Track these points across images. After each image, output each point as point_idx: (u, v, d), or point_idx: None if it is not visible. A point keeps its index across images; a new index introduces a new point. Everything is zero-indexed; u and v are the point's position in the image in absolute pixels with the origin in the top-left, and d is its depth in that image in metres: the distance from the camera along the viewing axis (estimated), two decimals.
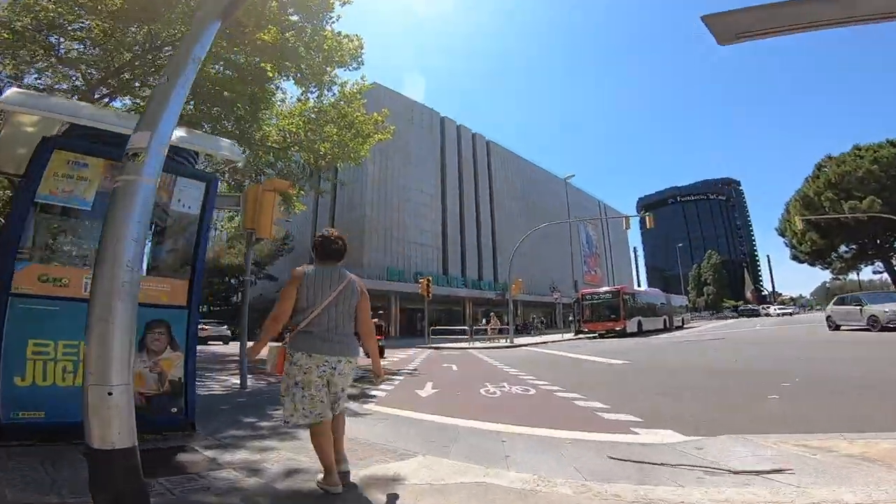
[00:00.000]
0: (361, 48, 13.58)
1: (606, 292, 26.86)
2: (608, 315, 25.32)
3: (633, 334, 25.07)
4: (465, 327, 22.20)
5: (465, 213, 45.07)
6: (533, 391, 6.81)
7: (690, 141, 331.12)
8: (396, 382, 8.33)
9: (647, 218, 27.06)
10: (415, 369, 10.74)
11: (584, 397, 5.99)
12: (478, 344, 20.11)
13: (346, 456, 2.77)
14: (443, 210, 42.62)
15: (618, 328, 24.66)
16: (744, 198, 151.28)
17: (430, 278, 21.61)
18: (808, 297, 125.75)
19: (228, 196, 9.05)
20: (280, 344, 2.73)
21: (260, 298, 49.17)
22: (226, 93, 11.87)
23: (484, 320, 31.79)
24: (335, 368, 2.57)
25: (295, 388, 2.52)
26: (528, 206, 54.45)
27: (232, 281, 43.14)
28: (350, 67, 13.92)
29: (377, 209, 36.27)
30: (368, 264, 34.10)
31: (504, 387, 7.25)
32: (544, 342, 21.87)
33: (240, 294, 45.72)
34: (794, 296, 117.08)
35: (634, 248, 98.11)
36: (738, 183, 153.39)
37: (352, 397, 6.73)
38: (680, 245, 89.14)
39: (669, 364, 10.04)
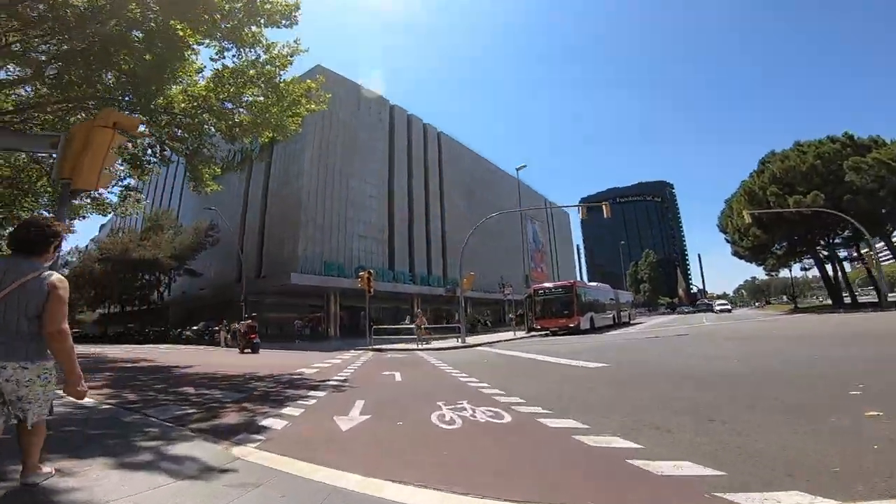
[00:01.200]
0: (297, 7, 11.28)
1: (559, 287, 25.66)
2: (561, 311, 24.11)
3: (586, 331, 24.04)
4: (413, 326, 19.88)
5: (414, 207, 42.63)
6: (507, 416, 4.69)
7: (627, 143, 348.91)
8: (312, 402, 5.93)
9: (603, 206, 25.92)
10: (345, 380, 8.33)
11: (587, 426, 3.96)
12: (426, 345, 17.90)
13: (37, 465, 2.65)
14: (389, 203, 39.90)
15: (571, 325, 23.49)
16: (676, 199, 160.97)
17: (372, 272, 19.12)
18: (732, 294, 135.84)
19: (41, 136, 6.17)
20: None
21: (183, 296, 44.06)
22: (123, 55, 9.96)
23: (407, 318, 29.67)
24: None
25: None
26: (477, 202, 52.87)
27: (147, 277, 37.98)
28: (281, 25, 11.55)
29: (315, 199, 32.97)
30: (304, 258, 30.80)
31: (465, 409, 5.07)
32: (496, 341, 20.08)
33: (158, 292, 40.56)
34: (718, 293, 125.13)
35: (578, 245, 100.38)
36: (672, 185, 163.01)
37: (233, 428, 4.37)
38: (623, 243, 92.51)
39: (656, 366, 8.37)
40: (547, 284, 27.20)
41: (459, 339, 19.41)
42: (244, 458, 3.41)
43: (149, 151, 15.06)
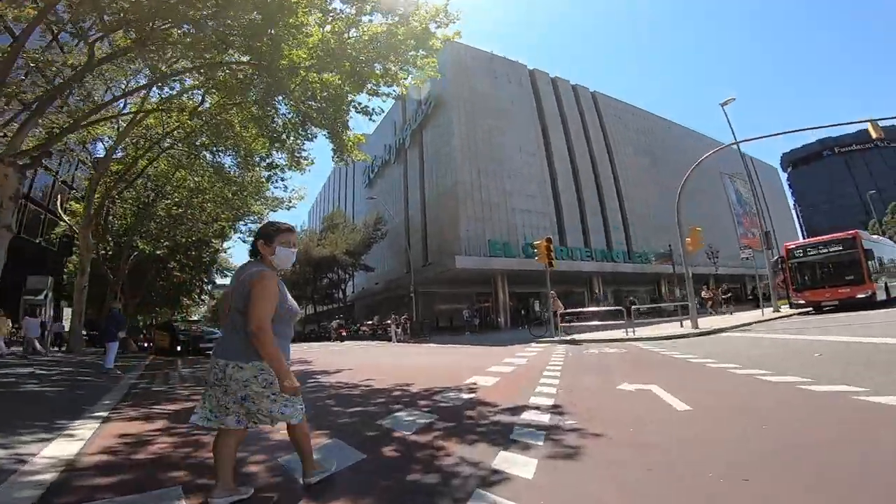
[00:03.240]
0: None
1: (833, 241, 17.38)
2: (841, 276, 16.27)
3: (883, 303, 15.85)
4: (618, 307, 15.01)
5: (580, 174, 36.80)
6: None
7: (837, 82, 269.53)
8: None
9: (870, 127, 16.71)
10: (556, 408, 4.38)
11: None
12: (641, 332, 12.81)
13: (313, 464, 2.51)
14: (550, 171, 34.93)
15: (860, 294, 15.72)
16: None
17: (550, 238, 14.74)
18: None
19: None
20: None
21: (363, 292, 46.46)
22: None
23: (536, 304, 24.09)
24: (224, 372, 2.27)
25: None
26: (654, 162, 44.05)
27: (330, 276, 40.36)
28: None
29: (471, 174, 30.15)
30: (467, 239, 28.18)
31: None
32: (744, 324, 13.76)
33: (342, 290, 43.14)
34: None
35: (796, 203, 78.59)
36: None
37: None
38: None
39: None
40: (809, 240, 19.00)
41: (683, 323, 13.83)
42: None
43: (291, 137, 14.19)
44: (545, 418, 3.89)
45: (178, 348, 15.64)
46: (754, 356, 7.07)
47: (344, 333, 28.71)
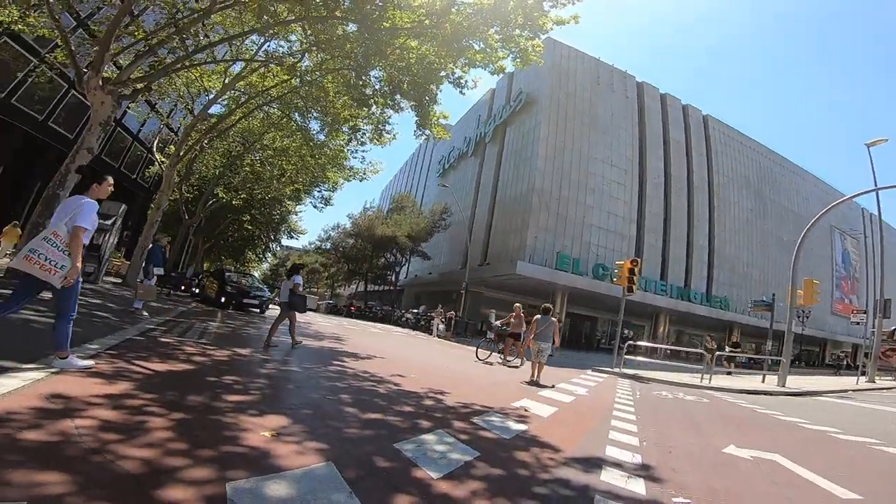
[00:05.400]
0: None
1: None
2: None
3: None
4: (697, 350, 13.03)
5: (672, 201, 33.70)
6: None
7: None
8: None
9: None
10: (648, 470, 3.06)
11: None
12: (718, 381, 10.84)
13: None
14: (640, 193, 32.21)
15: None
16: None
17: (637, 260, 13.00)
18: None
19: None
20: None
21: (416, 279, 45.85)
22: None
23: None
24: None
25: None
26: (761, 203, 39.56)
27: (387, 256, 40.16)
28: None
29: (551, 181, 28.42)
30: (533, 247, 26.58)
31: None
32: (839, 391, 11.23)
33: (395, 273, 42.92)
34: None
35: None
36: None
37: None
38: None
39: None
40: None
41: (766, 379, 11.62)
42: None
43: (378, 105, 13.83)
44: (638, 487, 2.67)
45: (223, 300, 14.91)
46: (889, 430, 5.27)
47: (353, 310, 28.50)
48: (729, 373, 14.95)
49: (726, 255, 35.32)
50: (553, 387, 7.17)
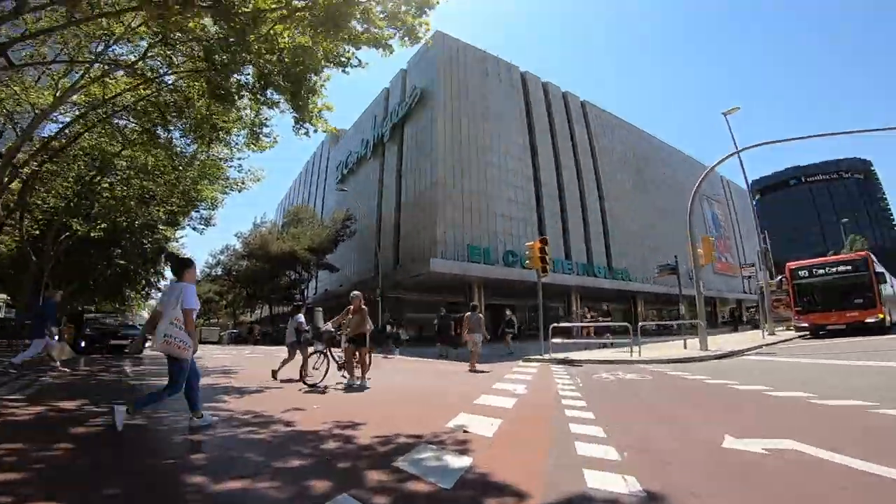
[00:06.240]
0: None
1: (842, 262, 16.42)
2: (850, 299, 15.16)
3: (880, 330, 14.66)
4: (623, 324, 13.16)
5: (565, 184, 35.40)
6: None
7: (809, 119, 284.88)
8: None
9: None
10: None
11: None
12: (646, 353, 10.94)
13: None
14: (535, 178, 33.37)
15: (870, 319, 14.64)
16: (877, 179, 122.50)
17: (546, 238, 12.77)
18: None
19: None
20: None
21: (326, 294, 42.96)
22: None
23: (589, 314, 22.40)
24: None
25: None
26: (640, 179, 43.38)
27: (290, 274, 37.10)
28: None
29: (452, 174, 28.14)
30: (444, 242, 26.00)
31: None
32: (748, 348, 12.02)
33: (301, 291, 39.90)
34: None
35: (764, 230, 80.00)
36: (870, 163, 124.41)
37: None
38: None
39: None
40: (816, 260, 17.78)
41: (687, 344, 12.03)
42: None
43: (246, 98, 12.01)
44: None
45: (83, 345, 12.64)
46: (854, 386, 5.14)
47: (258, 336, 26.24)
48: (604, 345, 14.46)
49: (620, 229, 38.03)
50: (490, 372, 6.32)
